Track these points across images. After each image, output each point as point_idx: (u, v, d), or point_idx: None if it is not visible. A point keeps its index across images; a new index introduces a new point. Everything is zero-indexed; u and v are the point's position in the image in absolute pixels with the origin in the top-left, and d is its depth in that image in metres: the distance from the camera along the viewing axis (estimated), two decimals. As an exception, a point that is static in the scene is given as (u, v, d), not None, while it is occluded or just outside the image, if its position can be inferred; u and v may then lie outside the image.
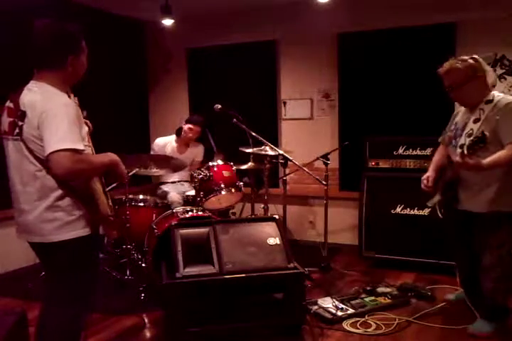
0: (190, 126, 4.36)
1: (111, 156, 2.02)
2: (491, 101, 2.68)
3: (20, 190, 1.94)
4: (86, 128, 1.99)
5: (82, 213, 1.96)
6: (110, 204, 2.08)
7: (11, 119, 1.94)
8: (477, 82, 2.69)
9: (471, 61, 2.70)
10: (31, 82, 1.97)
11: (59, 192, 1.91)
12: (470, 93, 2.72)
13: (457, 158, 2.53)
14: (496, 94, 2.71)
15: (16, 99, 1.93)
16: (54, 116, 1.82)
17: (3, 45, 3.97)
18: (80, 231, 1.95)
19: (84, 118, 2.04)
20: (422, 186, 2.96)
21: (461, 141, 2.74)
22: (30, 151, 1.88)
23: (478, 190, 2.72)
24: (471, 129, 2.68)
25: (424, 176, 2.97)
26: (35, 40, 1.95)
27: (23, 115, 1.88)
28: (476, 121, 2.68)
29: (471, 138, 2.51)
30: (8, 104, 1.99)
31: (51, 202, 1.90)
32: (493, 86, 2.77)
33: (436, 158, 3.03)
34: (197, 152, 4.53)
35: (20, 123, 1.88)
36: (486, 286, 2.78)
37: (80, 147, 1.84)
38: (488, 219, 2.72)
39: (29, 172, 1.91)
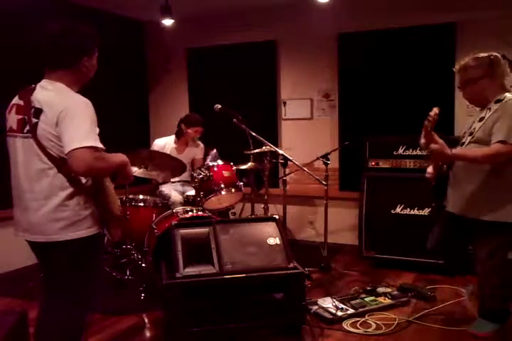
0: (194, 128, 4.32)
1: (121, 157, 2.02)
2: (501, 100, 2.55)
3: (27, 188, 1.92)
4: (98, 129, 1.97)
5: (89, 212, 1.95)
6: (119, 203, 2.09)
7: (20, 116, 1.91)
8: (486, 81, 2.57)
9: (484, 58, 2.57)
10: (43, 80, 1.95)
11: (69, 190, 1.90)
12: (478, 92, 2.62)
13: (422, 140, 2.52)
14: (509, 95, 2.57)
15: (27, 96, 1.90)
16: (75, 115, 1.82)
17: (3, 46, 3.97)
18: (85, 231, 1.95)
19: None
20: (427, 175, 2.90)
21: (464, 139, 2.73)
22: (43, 149, 1.86)
23: (463, 192, 2.66)
24: (474, 128, 2.65)
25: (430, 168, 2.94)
26: (50, 40, 1.94)
27: (37, 112, 1.86)
28: (481, 120, 2.61)
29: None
30: (17, 101, 1.96)
31: (60, 201, 1.89)
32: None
33: None
34: (196, 150, 4.51)
35: (34, 120, 1.86)
36: (484, 292, 2.77)
37: (101, 145, 1.85)
38: (478, 229, 2.67)
39: (38, 170, 1.89)
